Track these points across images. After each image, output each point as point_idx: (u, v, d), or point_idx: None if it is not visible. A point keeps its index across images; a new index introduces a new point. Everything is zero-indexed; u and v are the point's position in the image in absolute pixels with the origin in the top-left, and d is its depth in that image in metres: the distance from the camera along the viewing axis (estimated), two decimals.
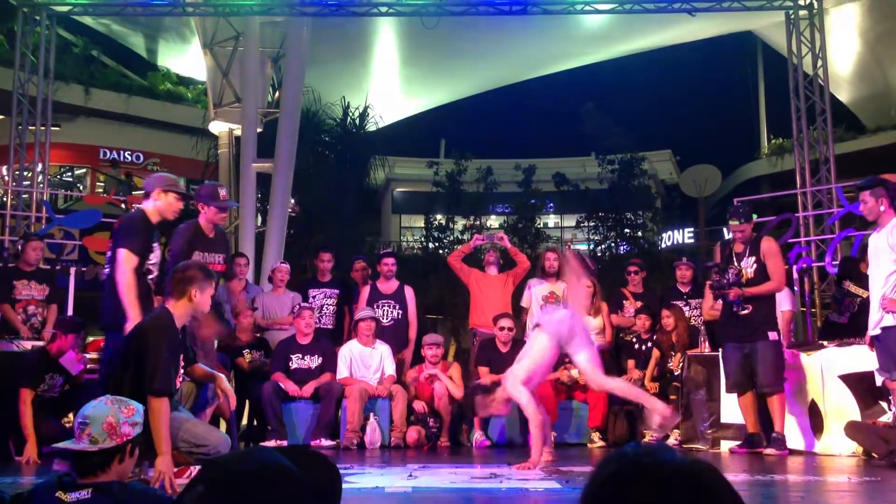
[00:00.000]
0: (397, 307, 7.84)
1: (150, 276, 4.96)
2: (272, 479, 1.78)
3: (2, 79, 13.96)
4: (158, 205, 4.96)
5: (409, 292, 7.97)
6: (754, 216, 6.49)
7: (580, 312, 5.80)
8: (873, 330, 5.43)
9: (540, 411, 5.19)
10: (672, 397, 7.03)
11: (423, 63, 18.12)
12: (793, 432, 6.28)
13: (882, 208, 5.45)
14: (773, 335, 6.19)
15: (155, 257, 5.00)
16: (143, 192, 5.13)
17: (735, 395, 6.32)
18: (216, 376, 4.40)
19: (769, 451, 5.98)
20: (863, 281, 6.24)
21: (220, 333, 6.82)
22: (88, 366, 6.28)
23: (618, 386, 5.74)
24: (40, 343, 6.48)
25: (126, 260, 4.71)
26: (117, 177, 20.04)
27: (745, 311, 6.17)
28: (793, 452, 6.10)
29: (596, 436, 7.24)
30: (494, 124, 27.63)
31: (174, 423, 3.89)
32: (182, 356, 4.19)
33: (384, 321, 7.70)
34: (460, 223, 19.82)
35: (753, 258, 6.26)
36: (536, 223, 20.27)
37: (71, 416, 5.80)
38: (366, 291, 7.88)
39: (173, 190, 5.02)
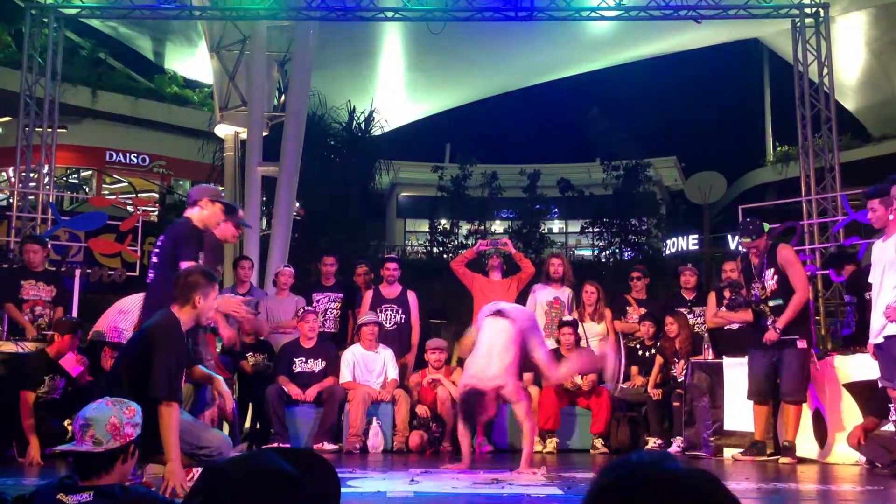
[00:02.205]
0: (400, 311, 7.84)
1: None
2: (272, 485, 1.78)
3: (9, 80, 14.01)
4: (204, 214, 4.93)
5: (411, 297, 7.97)
6: (765, 226, 6.36)
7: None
8: (876, 338, 5.38)
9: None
10: (675, 404, 7.02)
11: (429, 68, 18.13)
12: (798, 440, 6.25)
13: (891, 216, 5.39)
14: (801, 343, 6.04)
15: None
16: (189, 200, 5.07)
17: (752, 402, 6.21)
18: (214, 378, 4.41)
19: (785, 459, 5.95)
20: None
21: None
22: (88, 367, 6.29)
23: (567, 370, 6.02)
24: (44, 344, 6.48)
25: None
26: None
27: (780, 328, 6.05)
28: (800, 461, 6.07)
29: (598, 442, 7.23)
30: (499, 129, 27.62)
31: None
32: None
33: (387, 325, 7.70)
34: (465, 228, 19.84)
35: (773, 269, 6.15)
36: (541, 229, 20.27)
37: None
38: (369, 296, 7.88)
39: (220, 200, 5.03)
